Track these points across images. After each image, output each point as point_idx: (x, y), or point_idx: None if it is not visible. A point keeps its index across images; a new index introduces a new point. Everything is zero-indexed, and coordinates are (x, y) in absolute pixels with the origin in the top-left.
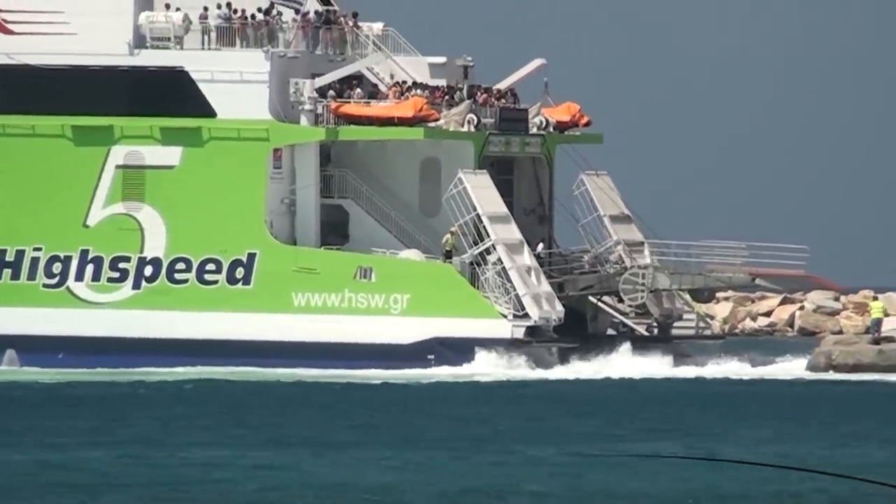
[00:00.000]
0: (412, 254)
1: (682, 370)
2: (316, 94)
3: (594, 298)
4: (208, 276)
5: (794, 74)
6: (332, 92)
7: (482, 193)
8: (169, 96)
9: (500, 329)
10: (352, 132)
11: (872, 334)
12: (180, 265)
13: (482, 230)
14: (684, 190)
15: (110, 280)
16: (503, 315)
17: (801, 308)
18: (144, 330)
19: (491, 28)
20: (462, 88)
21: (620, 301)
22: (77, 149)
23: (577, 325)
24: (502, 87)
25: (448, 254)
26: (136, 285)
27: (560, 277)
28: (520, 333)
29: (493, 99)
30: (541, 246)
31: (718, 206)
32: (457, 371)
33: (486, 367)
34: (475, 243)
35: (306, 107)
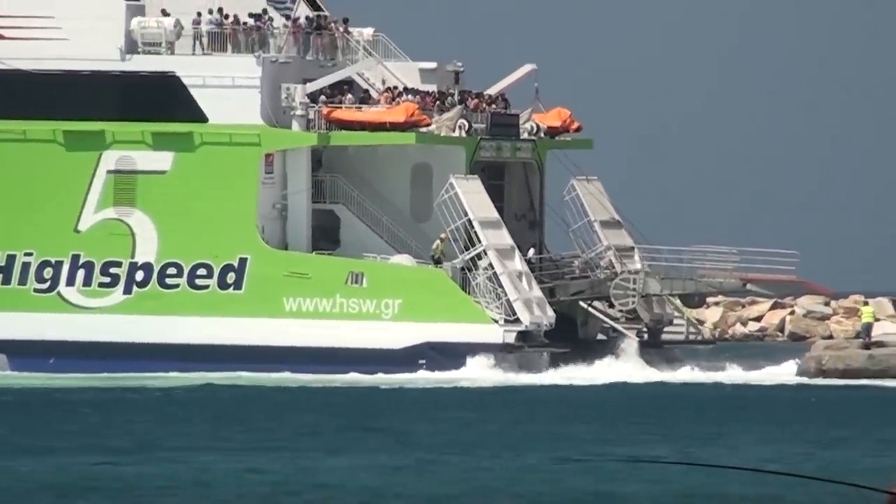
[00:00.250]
0: (403, 259)
1: (672, 375)
2: (308, 99)
3: (585, 304)
4: (199, 281)
5: (787, 81)
6: (323, 97)
7: (473, 199)
8: (160, 101)
9: (492, 334)
10: (343, 137)
11: (863, 339)
12: (171, 270)
13: (473, 235)
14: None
15: (101, 285)
16: (494, 320)
17: (792, 313)
18: (135, 335)
19: (481, 33)
20: (453, 94)
21: (611, 306)
22: (68, 154)
23: (567, 331)
24: (493, 92)
25: (437, 260)
26: (128, 290)
27: (551, 283)
28: (511, 338)
29: (484, 104)
30: (532, 251)
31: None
32: (448, 376)
33: (478, 373)
34: (466, 248)
35: (298, 112)
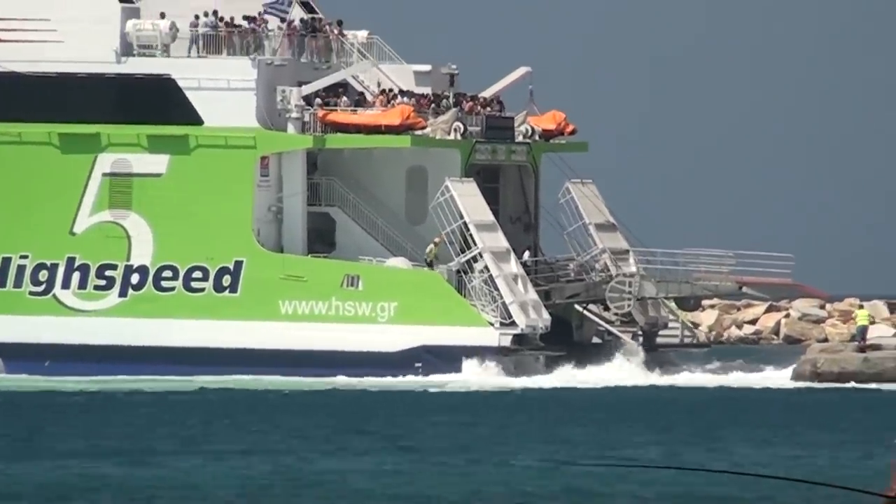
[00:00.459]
0: (399, 262)
1: (666, 378)
2: (303, 101)
3: (580, 307)
4: (195, 284)
5: (780, 82)
6: (318, 100)
7: (469, 201)
8: (156, 104)
9: (487, 337)
10: (339, 140)
11: (858, 342)
12: (167, 273)
13: (469, 238)
14: (670, 198)
15: (97, 288)
16: (490, 323)
17: (787, 316)
18: (131, 338)
19: (476, 36)
20: (448, 96)
21: (606, 309)
22: (64, 156)
23: (563, 334)
24: (488, 95)
25: (429, 264)
26: (123, 293)
27: (546, 285)
28: (507, 341)
29: (479, 107)
30: (527, 254)
31: (704, 214)
32: (444, 379)
33: (473, 376)
34: (462, 251)
35: (293, 115)
